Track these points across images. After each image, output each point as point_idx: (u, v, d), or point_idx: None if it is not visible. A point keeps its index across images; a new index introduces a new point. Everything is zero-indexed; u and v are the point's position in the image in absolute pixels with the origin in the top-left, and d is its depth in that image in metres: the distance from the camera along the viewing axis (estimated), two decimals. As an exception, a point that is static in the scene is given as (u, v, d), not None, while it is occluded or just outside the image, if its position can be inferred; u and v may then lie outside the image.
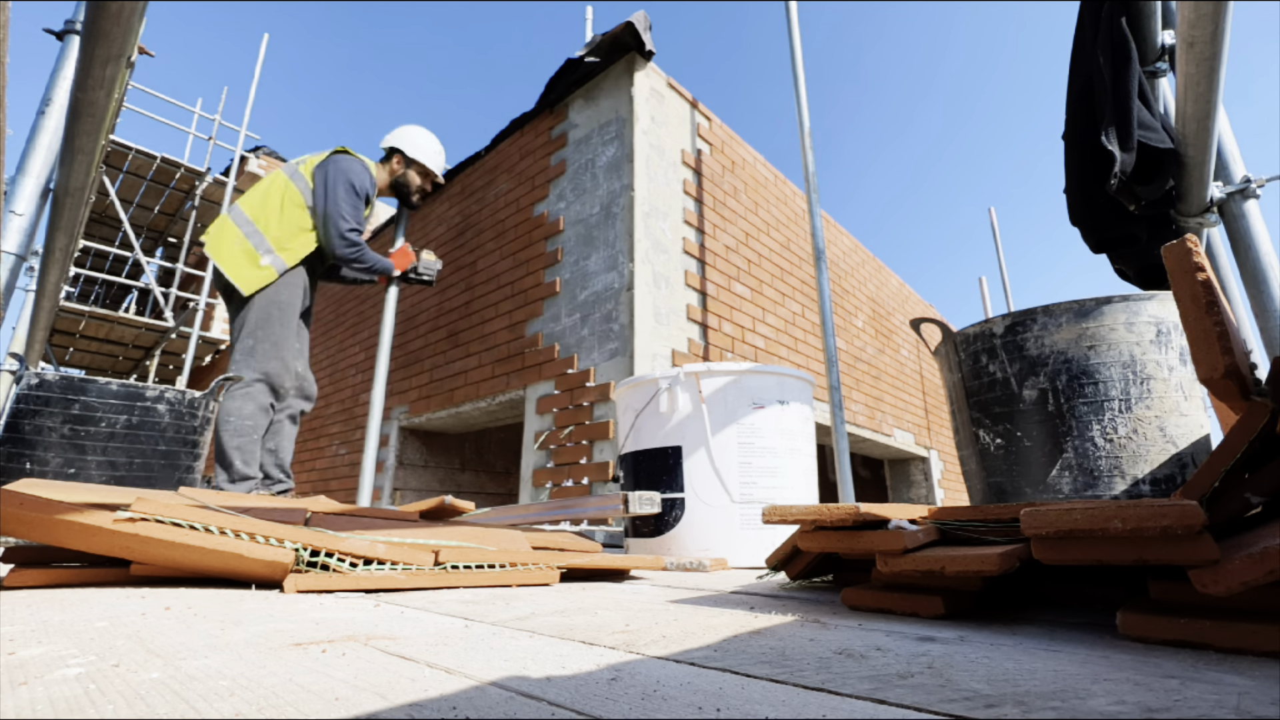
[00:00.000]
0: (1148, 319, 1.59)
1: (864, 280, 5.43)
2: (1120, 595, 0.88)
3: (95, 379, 2.72)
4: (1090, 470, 1.56)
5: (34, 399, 2.61)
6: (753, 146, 4.07)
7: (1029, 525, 0.70)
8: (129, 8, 1.24)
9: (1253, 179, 1.82)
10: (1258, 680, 0.49)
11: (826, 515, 0.93)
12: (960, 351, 1.82)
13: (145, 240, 9.96)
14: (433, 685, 0.50)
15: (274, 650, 0.61)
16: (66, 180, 1.81)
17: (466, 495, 4.64)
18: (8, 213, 1.96)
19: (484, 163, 4.08)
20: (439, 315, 4.11)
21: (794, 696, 0.47)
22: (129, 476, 2.73)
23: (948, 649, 0.63)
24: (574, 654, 0.62)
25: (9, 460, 2.54)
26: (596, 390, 2.85)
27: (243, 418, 2.48)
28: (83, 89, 1.44)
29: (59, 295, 2.55)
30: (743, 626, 0.77)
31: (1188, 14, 1.49)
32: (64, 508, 0.99)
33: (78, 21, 2.20)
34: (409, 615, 0.85)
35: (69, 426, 2.64)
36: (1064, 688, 0.48)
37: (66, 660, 0.56)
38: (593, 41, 3.22)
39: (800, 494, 1.93)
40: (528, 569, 1.26)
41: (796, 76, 3.11)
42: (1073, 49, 2.04)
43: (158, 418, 2.83)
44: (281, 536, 1.08)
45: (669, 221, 3.15)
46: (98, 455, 2.68)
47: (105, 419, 2.71)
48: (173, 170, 8.13)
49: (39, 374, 2.63)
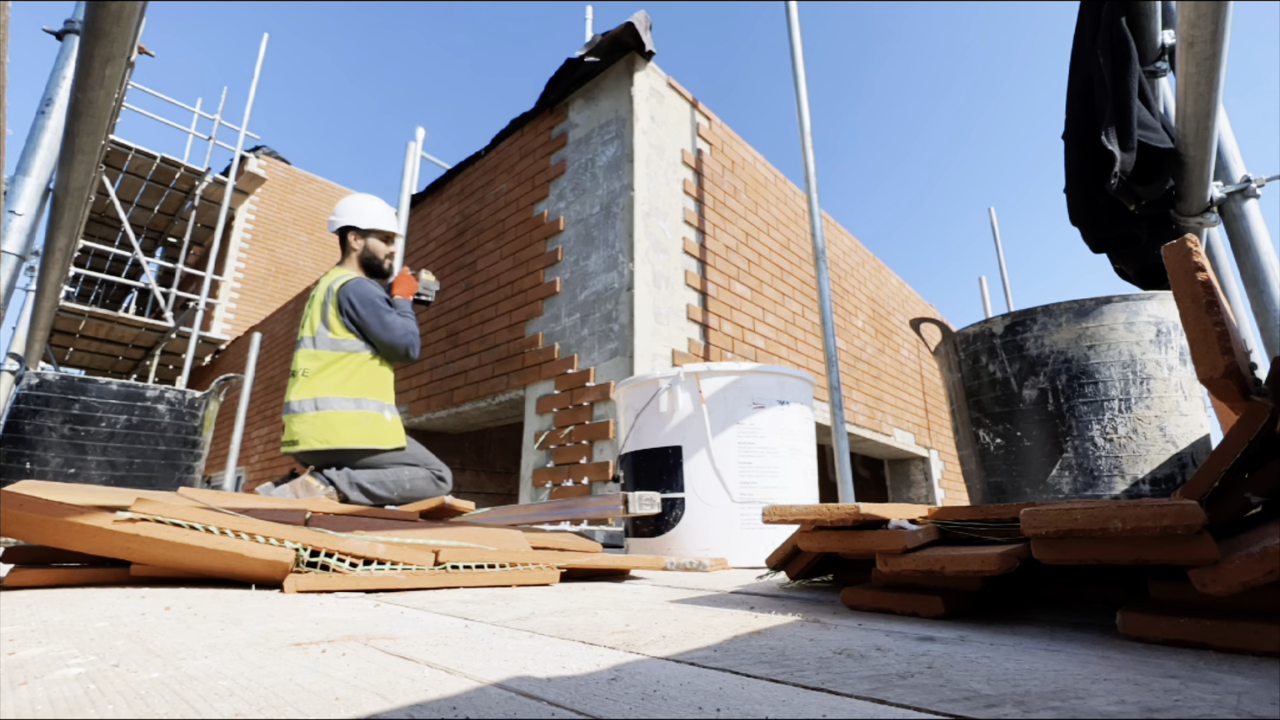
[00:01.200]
0: (1148, 319, 1.59)
1: (864, 280, 5.43)
2: (1120, 595, 0.88)
3: (95, 379, 2.72)
4: (1090, 470, 1.56)
5: (34, 399, 2.61)
6: (753, 146, 4.07)
7: (1029, 525, 0.70)
8: (129, 8, 1.24)
9: (1253, 179, 1.82)
10: (1258, 680, 0.49)
11: (826, 515, 0.93)
12: (960, 351, 1.82)
13: (145, 240, 9.97)
14: (433, 685, 0.50)
15: (274, 650, 0.61)
16: (66, 180, 1.81)
17: (466, 495, 4.64)
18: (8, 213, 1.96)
19: (484, 162, 4.08)
20: (439, 315, 4.11)
21: (794, 696, 0.47)
22: (129, 476, 2.72)
23: (948, 649, 0.63)
24: (574, 654, 0.62)
25: (9, 460, 2.54)
26: (596, 390, 2.85)
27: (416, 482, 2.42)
28: (83, 89, 1.44)
29: (59, 295, 2.55)
30: (743, 626, 0.77)
31: (1188, 14, 1.49)
32: (64, 509, 0.99)
33: (78, 21, 2.20)
34: (409, 615, 0.85)
35: (69, 426, 2.64)
36: (1064, 688, 0.48)
37: (66, 660, 0.56)
38: (593, 41, 3.22)
39: (800, 494, 1.93)
40: (528, 569, 1.26)
41: (796, 76, 3.11)
42: (1073, 49, 2.04)
43: (158, 418, 2.83)
44: (282, 536, 1.08)
45: (669, 221, 3.15)
46: (98, 455, 2.68)
47: (105, 419, 2.71)
48: (172, 170, 8.14)
49: (39, 374, 2.63)
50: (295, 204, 10.87)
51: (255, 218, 10.22)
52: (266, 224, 10.35)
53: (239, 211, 9.94)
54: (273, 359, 6.70)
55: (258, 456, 6.31)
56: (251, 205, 10.15)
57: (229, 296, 9.60)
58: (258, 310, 9.80)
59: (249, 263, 9.99)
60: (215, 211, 8.96)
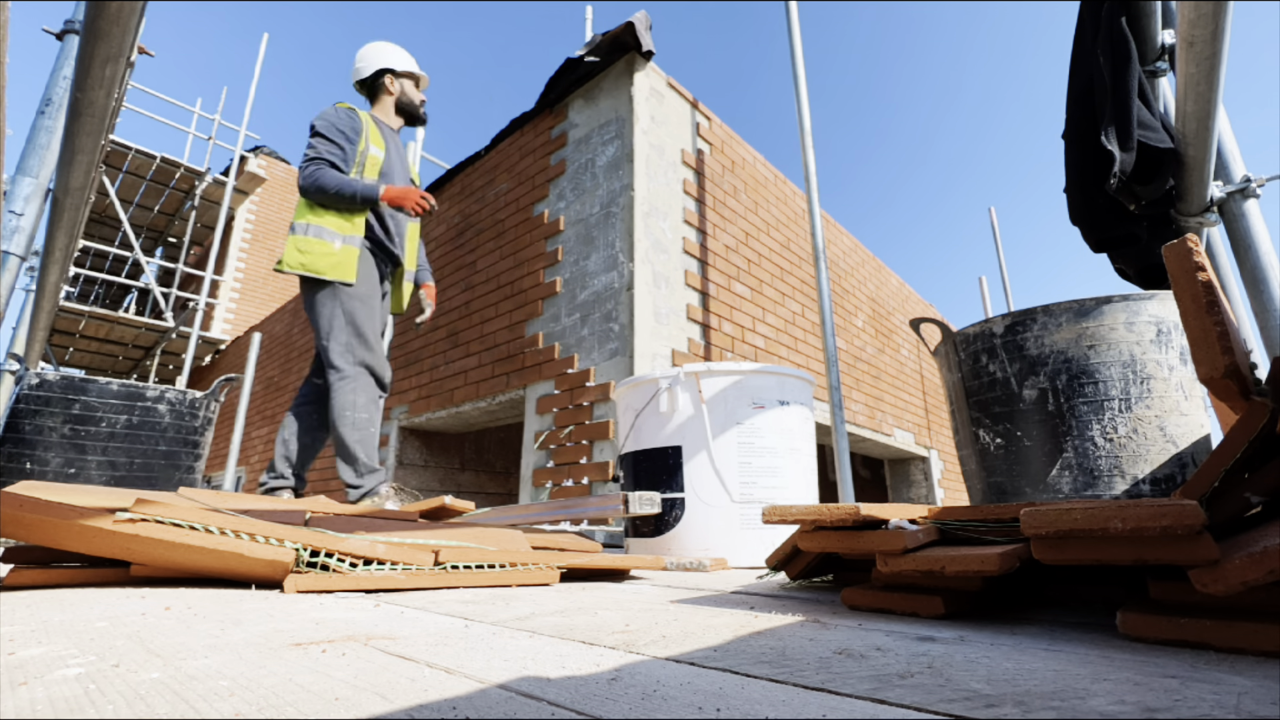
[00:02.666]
0: (1148, 319, 1.59)
1: (864, 280, 5.43)
2: (1120, 595, 0.88)
3: (95, 379, 2.72)
4: (1090, 470, 1.56)
5: (35, 399, 2.61)
6: (753, 146, 4.07)
7: (1029, 525, 0.70)
8: (129, 8, 1.24)
9: (1253, 179, 1.82)
10: (1258, 680, 0.49)
11: (826, 515, 0.93)
12: (960, 351, 1.82)
13: (145, 240, 9.97)
14: (433, 685, 0.50)
15: (274, 650, 0.61)
16: (66, 180, 1.81)
17: (466, 495, 4.64)
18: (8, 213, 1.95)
19: (484, 162, 4.08)
20: (439, 315, 4.11)
21: (794, 696, 0.47)
22: (129, 476, 2.72)
23: (948, 649, 0.63)
24: (574, 654, 0.62)
25: (9, 460, 2.54)
26: (596, 390, 2.85)
27: (357, 410, 2.37)
28: (83, 89, 1.44)
29: (59, 295, 2.55)
30: (743, 626, 0.77)
31: (1188, 14, 1.49)
32: (63, 510, 0.99)
33: (77, 21, 2.20)
34: (409, 615, 0.85)
35: (69, 426, 2.64)
36: (1064, 688, 0.48)
37: (66, 660, 0.56)
38: (593, 41, 3.22)
39: (800, 494, 1.93)
40: (528, 569, 1.26)
41: (796, 76, 3.11)
42: (1073, 49, 2.04)
43: (158, 418, 2.83)
44: (282, 537, 1.08)
45: (669, 221, 3.15)
46: (98, 455, 2.68)
47: (106, 419, 2.71)
48: (172, 170, 8.14)
49: (40, 374, 2.63)
50: (295, 204, 10.87)
51: (255, 218, 10.22)
52: (266, 224, 10.35)
53: (239, 211, 9.94)
54: (273, 359, 6.70)
55: (258, 456, 6.31)
56: (251, 205, 10.15)
57: (229, 296, 9.60)
58: (258, 310, 9.80)
59: (249, 263, 10.00)
60: (215, 211, 8.96)
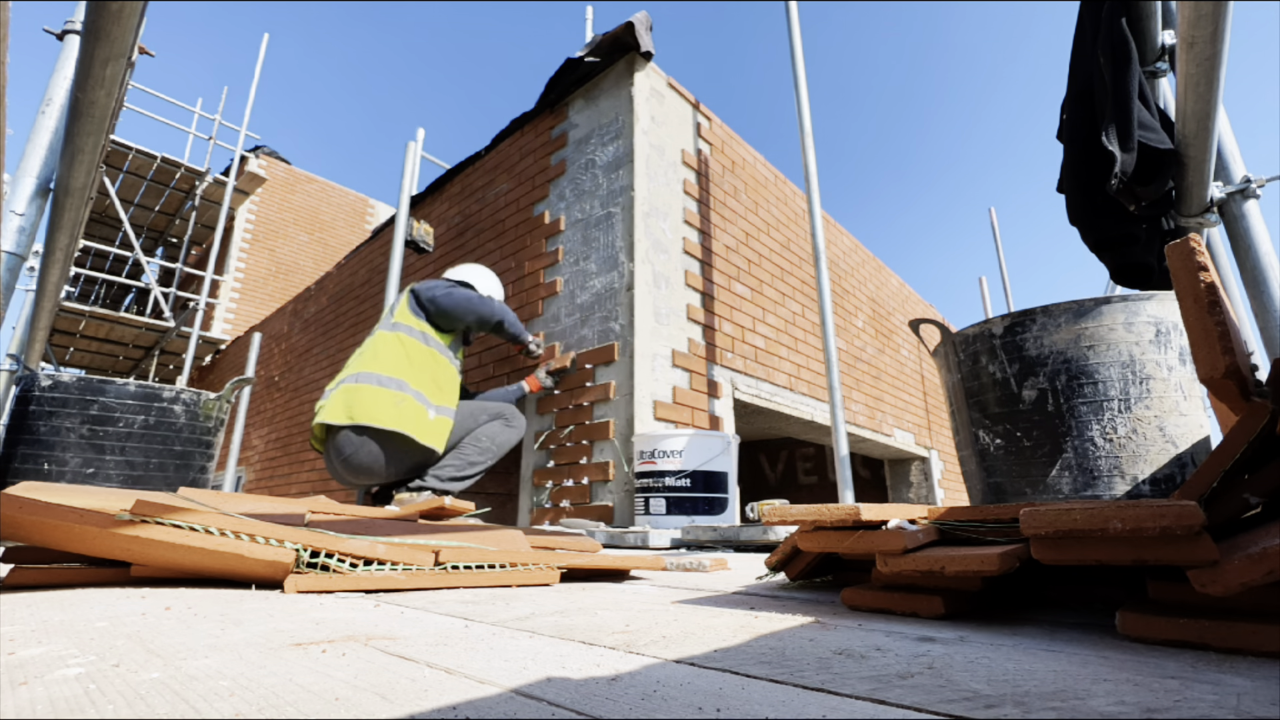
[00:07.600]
0: (1147, 319, 1.59)
1: (864, 280, 5.43)
2: (1120, 595, 0.88)
3: (114, 380, 2.75)
4: (1090, 470, 1.56)
5: (51, 400, 2.63)
6: (753, 146, 4.07)
7: (1028, 525, 0.70)
8: (129, 8, 1.24)
9: (1253, 179, 1.82)
10: (1258, 680, 0.49)
11: (826, 515, 0.93)
12: (960, 352, 1.82)
13: (145, 240, 9.97)
14: (433, 685, 0.50)
15: (274, 650, 0.61)
16: (66, 180, 1.81)
17: (466, 495, 4.63)
18: (8, 213, 1.95)
19: (484, 162, 4.08)
20: (439, 315, 4.10)
21: (794, 696, 0.47)
22: (146, 476, 2.75)
23: (948, 649, 0.63)
24: (574, 654, 0.62)
25: (24, 461, 2.55)
26: (597, 390, 2.85)
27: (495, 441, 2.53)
28: (83, 89, 1.44)
29: (59, 295, 2.55)
30: (743, 627, 0.77)
31: (1188, 14, 1.49)
32: (63, 511, 0.99)
33: (78, 21, 2.20)
34: (409, 615, 0.85)
35: (88, 427, 2.66)
36: (1064, 688, 0.48)
37: (66, 660, 0.56)
38: (593, 41, 3.22)
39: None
40: (528, 569, 1.26)
41: (796, 76, 3.11)
42: (1073, 49, 2.04)
43: (174, 418, 2.85)
44: (282, 537, 1.08)
45: (669, 221, 3.15)
46: (116, 455, 2.70)
47: (124, 419, 2.73)
48: (173, 170, 8.14)
49: (53, 375, 2.65)
50: (296, 204, 10.87)
51: (255, 218, 10.22)
52: (267, 224, 10.36)
53: (239, 211, 9.94)
54: (273, 359, 6.70)
55: (258, 456, 6.31)
56: (252, 205, 10.15)
57: (229, 296, 9.60)
58: (258, 310, 9.80)
59: (249, 263, 9.99)
60: (215, 211, 8.96)
